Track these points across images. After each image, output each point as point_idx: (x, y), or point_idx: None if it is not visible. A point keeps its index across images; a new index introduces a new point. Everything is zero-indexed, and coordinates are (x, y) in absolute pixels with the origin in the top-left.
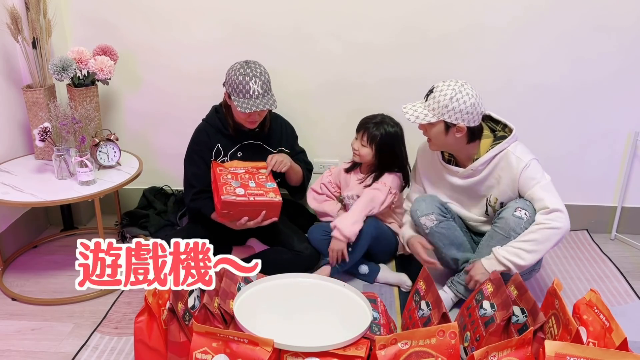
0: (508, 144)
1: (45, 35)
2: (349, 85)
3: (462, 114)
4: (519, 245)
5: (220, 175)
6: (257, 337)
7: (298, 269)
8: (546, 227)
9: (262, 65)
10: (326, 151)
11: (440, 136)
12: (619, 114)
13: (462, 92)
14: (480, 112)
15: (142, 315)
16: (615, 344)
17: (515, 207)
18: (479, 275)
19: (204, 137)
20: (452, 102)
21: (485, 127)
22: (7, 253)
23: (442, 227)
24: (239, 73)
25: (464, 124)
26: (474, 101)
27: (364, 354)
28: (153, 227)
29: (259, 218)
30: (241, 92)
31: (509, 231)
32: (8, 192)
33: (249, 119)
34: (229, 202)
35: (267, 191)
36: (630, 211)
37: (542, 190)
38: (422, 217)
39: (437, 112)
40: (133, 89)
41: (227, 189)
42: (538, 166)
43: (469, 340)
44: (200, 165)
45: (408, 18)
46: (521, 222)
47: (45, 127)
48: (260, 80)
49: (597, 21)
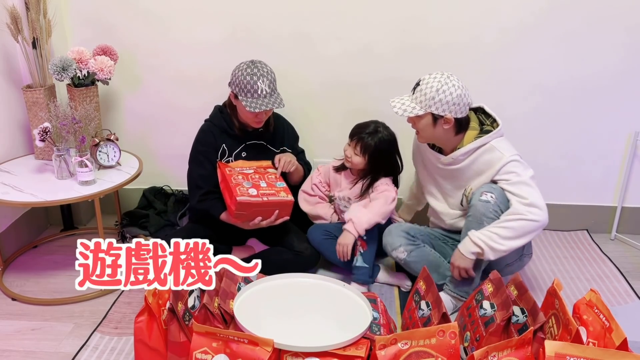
0: (491, 138)
1: (45, 35)
2: (349, 85)
3: (449, 105)
4: (494, 230)
5: (231, 176)
6: (257, 337)
7: (298, 269)
8: (524, 219)
9: (267, 64)
10: (326, 151)
11: (429, 128)
12: (619, 114)
13: (449, 84)
14: (466, 103)
15: (142, 315)
16: (615, 344)
17: (481, 192)
18: (458, 261)
19: (210, 138)
20: (438, 94)
21: (475, 119)
22: (7, 253)
23: (413, 255)
24: (246, 73)
25: (451, 115)
26: (460, 92)
27: (364, 354)
28: (153, 227)
29: (272, 217)
30: (249, 91)
31: (480, 217)
32: (8, 192)
33: (256, 118)
34: (245, 203)
35: (279, 190)
36: (630, 211)
37: (522, 185)
38: (392, 251)
39: (424, 104)
40: (133, 89)
41: (240, 190)
42: (520, 162)
43: (469, 340)
44: (206, 166)
45: (408, 18)
46: (489, 205)
47: (45, 127)
48: (267, 80)
49: (597, 21)
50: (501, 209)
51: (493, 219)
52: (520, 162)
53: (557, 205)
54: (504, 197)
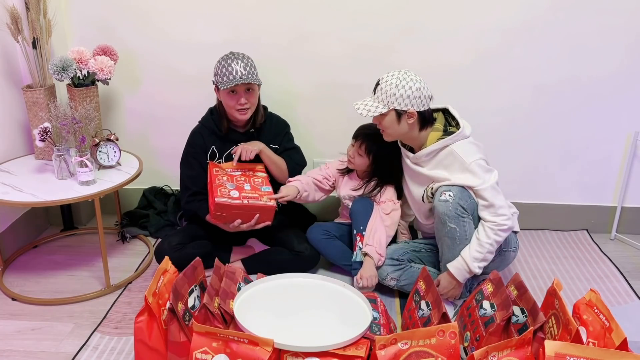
0: (452, 140)
1: (45, 35)
2: (349, 86)
3: (410, 99)
4: (485, 250)
5: (216, 176)
6: (257, 337)
7: (298, 269)
8: (501, 229)
9: (247, 55)
10: (326, 151)
11: (394, 125)
12: (619, 114)
13: (407, 79)
14: (427, 96)
15: (142, 315)
16: (615, 344)
17: (440, 192)
18: (450, 290)
19: (199, 140)
20: (398, 90)
21: (442, 121)
22: (7, 253)
23: (404, 279)
24: (222, 59)
25: (413, 108)
26: (419, 85)
27: (364, 354)
28: (153, 227)
29: (252, 221)
30: (224, 75)
31: (442, 217)
32: (8, 192)
33: (237, 105)
34: (222, 204)
35: (262, 195)
36: (630, 211)
37: (485, 191)
38: (382, 281)
39: (386, 101)
40: (133, 89)
41: (221, 191)
42: (482, 166)
43: (469, 340)
44: (195, 167)
45: (408, 18)
46: (448, 204)
47: (45, 127)
48: (242, 62)
49: (598, 22)
50: (461, 205)
51: (455, 217)
52: (482, 167)
53: (557, 205)
54: (462, 192)
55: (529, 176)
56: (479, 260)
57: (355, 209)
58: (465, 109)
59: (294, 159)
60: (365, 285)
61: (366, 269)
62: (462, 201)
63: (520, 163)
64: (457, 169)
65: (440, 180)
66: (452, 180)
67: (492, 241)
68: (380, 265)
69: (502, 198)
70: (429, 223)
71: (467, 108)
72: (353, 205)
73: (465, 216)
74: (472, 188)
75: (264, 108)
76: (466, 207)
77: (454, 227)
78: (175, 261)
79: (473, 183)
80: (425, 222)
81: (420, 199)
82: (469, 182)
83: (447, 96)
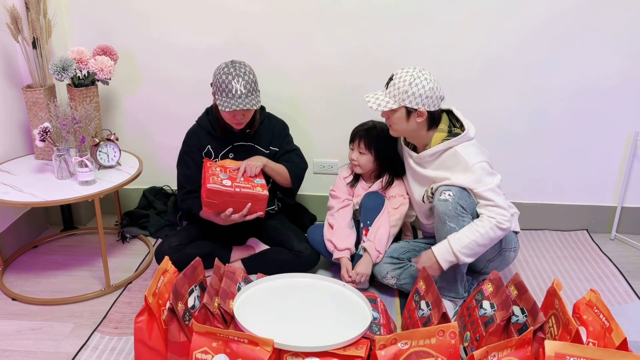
0: (457, 142)
1: (45, 35)
2: (349, 86)
3: (422, 98)
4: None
5: (210, 168)
6: (257, 337)
7: (298, 269)
8: (498, 226)
9: (248, 65)
10: (326, 151)
11: (402, 122)
12: (619, 114)
13: (421, 77)
14: (439, 97)
15: (142, 315)
16: (615, 344)
17: (440, 192)
18: (428, 264)
19: (194, 139)
20: (411, 87)
21: (446, 122)
22: (7, 253)
23: (403, 278)
24: (223, 72)
25: (424, 108)
26: (432, 85)
27: (364, 354)
28: (153, 227)
29: (244, 210)
30: (224, 91)
31: (442, 216)
32: (8, 192)
33: (234, 120)
34: (214, 190)
35: (255, 185)
36: (630, 211)
37: (486, 193)
38: (382, 279)
39: (397, 98)
40: (133, 89)
41: (213, 179)
42: (485, 168)
43: (469, 340)
44: (191, 166)
45: (409, 18)
46: (448, 204)
47: (45, 127)
48: (243, 80)
49: (598, 23)
50: (460, 204)
51: (455, 216)
52: (484, 170)
53: (557, 205)
54: (462, 192)
55: (529, 176)
56: (464, 246)
57: (365, 202)
58: (466, 109)
59: (295, 163)
60: (353, 280)
61: (361, 265)
62: (461, 201)
63: (520, 163)
64: (460, 170)
65: (441, 182)
66: (452, 180)
67: (485, 232)
68: (377, 262)
69: (503, 199)
70: (429, 223)
71: (467, 108)
72: (363, 199)
73: (465, 215)
74: (472, 190)
75: (262, 108)
76: (466, 207)
77: (453, 227)
78: (175, 262)
79: (473, 185)
80: (426, 222)
81: (420, 199)
82: (469, 183)
83: (448, 97)
